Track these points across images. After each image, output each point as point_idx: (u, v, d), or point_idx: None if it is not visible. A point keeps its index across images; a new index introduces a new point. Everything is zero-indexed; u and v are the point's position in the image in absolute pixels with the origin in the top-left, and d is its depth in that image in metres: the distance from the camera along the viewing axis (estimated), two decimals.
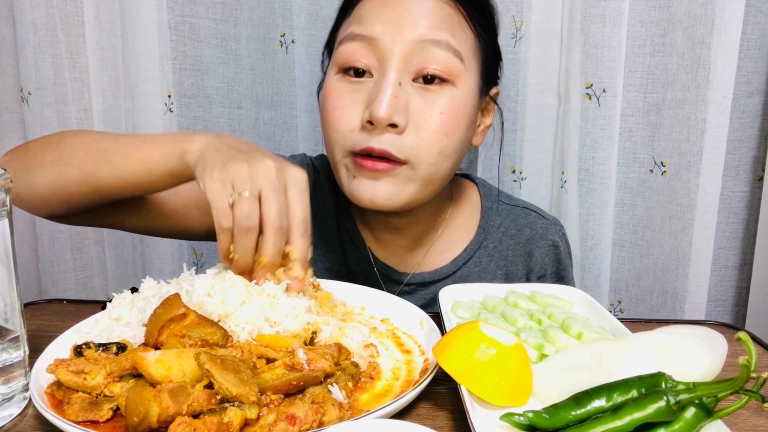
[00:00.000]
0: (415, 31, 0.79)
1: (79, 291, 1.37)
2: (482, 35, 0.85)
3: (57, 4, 1.24)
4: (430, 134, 0.80)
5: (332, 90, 0.83)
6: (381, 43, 0.79)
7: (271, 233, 0.64)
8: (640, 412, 0.48)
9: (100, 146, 0.79)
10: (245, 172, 0.65)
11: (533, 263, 0.97)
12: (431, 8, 0.80)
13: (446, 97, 0.80)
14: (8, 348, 0.57)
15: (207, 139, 0.72)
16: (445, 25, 0.80)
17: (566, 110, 1.24)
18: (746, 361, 0.45)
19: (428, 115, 0.80)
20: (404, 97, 0.79)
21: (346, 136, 0.81)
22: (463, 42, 0.82)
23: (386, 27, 0.79)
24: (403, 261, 0.97)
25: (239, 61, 1.34)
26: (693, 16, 1.16)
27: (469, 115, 0.84)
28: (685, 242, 1.22)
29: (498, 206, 0.99)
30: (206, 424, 0.48)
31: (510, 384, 0.54)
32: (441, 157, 0.81)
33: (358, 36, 0.80)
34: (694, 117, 1.18)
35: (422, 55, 0.79)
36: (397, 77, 0.79)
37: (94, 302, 0.86)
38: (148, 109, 1.25)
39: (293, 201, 0.66)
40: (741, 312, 1.34)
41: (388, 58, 0.79)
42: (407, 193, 0.82)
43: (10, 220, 0.58)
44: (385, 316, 0.76)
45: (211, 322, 0.59)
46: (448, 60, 0.80)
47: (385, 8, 0.80)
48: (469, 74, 0.83)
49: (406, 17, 0.79)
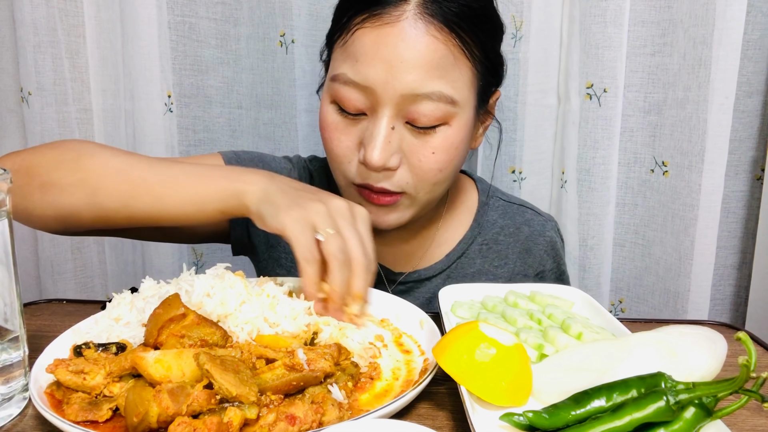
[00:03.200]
0: (406, 84, 0.76)
1: (79, 291, 1.37)
2: (482, 58, 0.82)
3: (57, 4, 1.24)
4: (423, 172, 0.81)
5: (328, 121, 0.83)
6: (373, 90, 0.77)
7: (359, 270, 0.68)
8: (639, 412, 0.48)
9: (135, 174, 0.77)
10: (324, 211, 0.69)
11: (532, 260, 0.98)
12: (424, 52, 0.76)
13: (439, 137, 0.80)
14: (8, 348, 0.57)
15: (265, 180, 0.74)
16: (438, 72, 0.77)
17: (566, 110, 1.24)
18: (746, 361, 0.45)
19: (421, 155, 0.80)
20: (397, 140, 0.79)
21: (345, 166, 0.83)
22: (458, 81, 0.79)
23: (378, 76, 0.76)
24: (400, 256, 0.98)
25: (239, 61, 1.34)
26: (694, 16, 1.16)
27: (464, 144, 0.83)
28: (687, 242, 1.22)
29: (494, 202, 1.00)
30: (206, 424, 0.48)
31: (510, 384, 0.54)
32: (437, 186, 0.84)
33: (350, 82, 0.78)
34: (695, 117, 1.18)
35: (413, 106, 0.77)
36: (389, 122, 0.78)
37: (94, 302, 0.86)
38: (148, 109, 1.25)
39: (364, 236, 0.70)
40: (740, 311, 1.34)
41: (380, 104, 0.78)
42: (409, 215, 0.86)
43: (9, 220, 0.58)
44: (385, 316, 0.76)
45: (211, 323, 0.59)
46: (440, 109, 0.78)
47: (378, 53, 0.76)
48: (464, 110, 0.81)
49: (398, 66, 0.75)
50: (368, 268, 0.69)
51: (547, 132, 1.29)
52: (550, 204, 1.33)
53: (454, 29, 0.77)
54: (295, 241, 0.67)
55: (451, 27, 0.77)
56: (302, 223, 0.67)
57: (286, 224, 0.68)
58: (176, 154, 1.30)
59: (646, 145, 1.28)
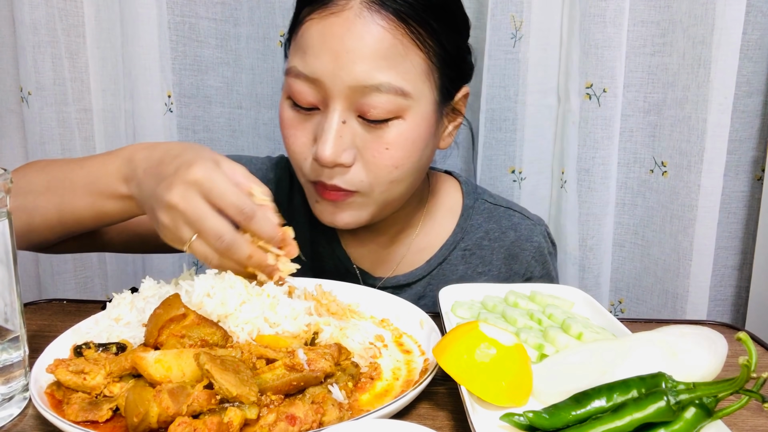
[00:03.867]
0: (353, 76, 0.74)
1: (79, 291, 1.36)
2: (438, 49, 0.79)
3: (57, 4, 1.24)
4: (378, 168, 0.79)
5: (285, 116, 0.82)
6: (322, 82, 0.76)
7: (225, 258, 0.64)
8: (640, 412, 0.48)
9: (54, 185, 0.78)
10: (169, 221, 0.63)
11: (518, 266, 0.96)
12: (371, 43, 0.74)
13: (393, 132, 0.77)
14: (8, 348, 0.57)
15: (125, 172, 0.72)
16: (387, 62, 0.74)
17: (566, 110, 1.24)
18: (746, 361, 0.45)
19: (375, 150, 0.78)
20: (349, 135, 0.77)
21: (302, 163, 0.82)
22: (409, 73, 0.76)
23: (325, 68, 0.75)
24: (379, 261, 0.96)
25: (239, 61, 1.34)
26: (693, 16, 1.16)
27: (422, 140, 0.80)
28: (686, 242, 1.22)
29: (480, 205, 0.97)
30: (206, 425, 0.48)
31: (510, 384, 0.54)
32: (393, 185, 0.81)
33: (300, 74, 0.77)
34: (694, 117, 1.18)
35: (363, 98, 0.75)
36: (341, 116, 0.76)
37: (94, 302, 0.86)
38: (148, 109, 1.25)
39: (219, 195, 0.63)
40: (740, 311, 1.34)
41: (330, 97, 0.76)
42: (365, 215, 0.84)
43: (10, 220, 0.58)
44: (385, 316, 0.76)
45: (211, 323, 0.59)
46: (391, 101, 0.75)
47: (324, 44, 0.75)
48: (419, 102, 0.78)
49: (345, 58, 0.74)
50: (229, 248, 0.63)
51: (547, 132, 1.29)
52: (549, 204, 1.33)
53: (404, 19, 0.75)
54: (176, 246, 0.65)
55: (401, 17, 0.75)
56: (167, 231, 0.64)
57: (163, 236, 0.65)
58: None
59: (645, 145, 1.28)
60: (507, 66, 1.24)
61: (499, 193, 1.24)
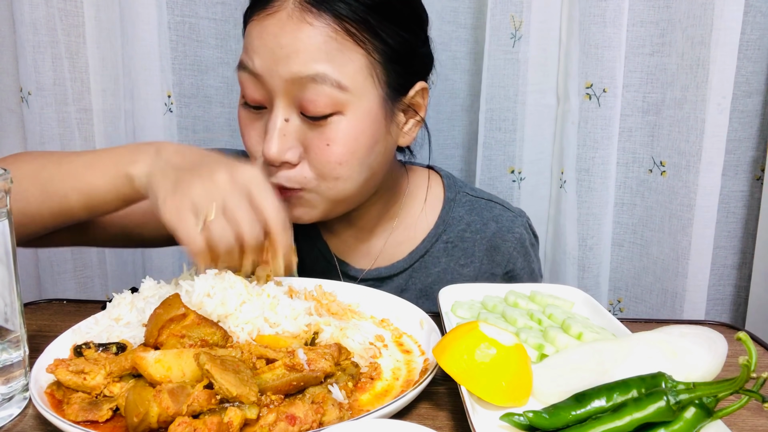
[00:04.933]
0: (288, 69, 0.75)
1: (79, 291, 1.36)
2: (381, 46, 0.79)
3: (57, 4, 1.24)
4: (322, 165, 0.79)
5: (240, 116, 0.84)
6: (262, 79, 0.77)
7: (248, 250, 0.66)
8: (640, 412, 0.48)
9: (43, 175, 0.76)
10: (200, 193, 0.64)
11: (500, 257, 0.96)
12: (304, 38, 0.75)
13: (333, 129, 0.78)
14: (8, 348, 0.57)
15: (149, 159, 0.71)
16: (322, 55, 0.75)
17: (565, 110, 1.24)
18: (746, 361, 0.45)
19: (317, 147, 0.78)
20: (293, 132, 0.78)
21: (257, 161, 0.83)
22: (346, 67, 0.76)
23: (263, 63, 0.77)
24: (359, 254, 0.97)
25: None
26: (692, 16, 1.16)
27: (367, 136, 0.80)
28: (685, 242, 1.22)
29: (462, 198, 0.98)
30: (206, 425, 0.48)
31: (510, 384, 0.54)
32: (340, 182, 0.81)
33: (245, 68, 0.80)
34: (693, 117, 1.18)
35: (302, 92, 0.76)
36: (283, 114, 0.78)
37: (94, 302, 0.86)
38: (148, 109, 1.25)
39: (260, 201, 0.66)
40: (740, 311, 1.34)
41: (272, 94, 0.78)
42: (317, 212, 0.84)
43: (10, 220, 0.58)
44: (385, 316, 0.76)
45: (211, 323, 0.59)
46: (328, 95, 0.76)
47: (261, 40, 0.77)
48: (360, 98, 0.78)
49: (279, 53, 0.75)
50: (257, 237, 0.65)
51: (547, 132, 1.29)
52: (549, 204, 1.33)
53: (339, 16, 0.76)
54: (175, 234, 0.64)
55: (336, 15, 0.76)
56: (179, 211, 0.64)
57: (163, 215, 0.65)
58: None
59: (644, 145, 1.28)
60: (507, 66, 1.24)
61: (498, 193, 1.24)
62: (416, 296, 0.95)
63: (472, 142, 1.33)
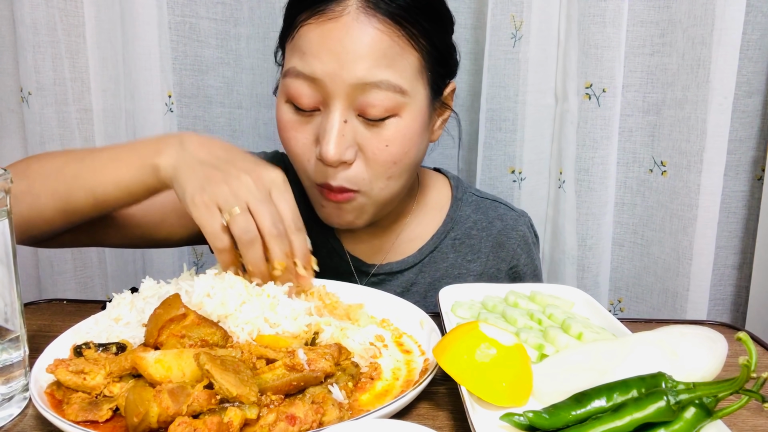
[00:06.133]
0: (353, 74, 0.77)
1: (79, 291, 1.36)
2: (431, 50, 0.83)
3: (57, 4, 1.24)
4: (378, 164, 0.82)
5: (284, 120, 0.84)
6: (322, 82, 0.78)
7: (273, 241, 0.68)
8: (640, 412, 0.48)
9: (68, 171, 0.78)
10: (227, 192, 0.67)
11: (504, 254, 1.00)
12: (369, 43, 0.77)
13: (391, 129, 0.80)
14: (8, 348, 0.57)
15: (175, 152, 0.72)
16: (385, 61, 0.77)
17: (564, 110, 1.24)
18: (746, 361, 0.45)
19: (375, 147, 0.81)
20: (351, 133, 0.80)
21: (306, 165, 0.84)
22: (406, 71, 0.80)
23: (325, 67, 0.77)
24: (371, 249, 0.99)
25: (239, 61, 1.34)
26: (693, 16, 1.16)
27: (418, 135, 0.84)
28: (686, 241, 1.22)
29: (468, 198, 1.02)
30: (206, 425, 0.48)
31: (510, 384, 0.54)
32: (391, 181, 0.84)
33: (300, 74, 0.79)
34: (694, 117, 1.18)
35: (363, 96, 0.78)
36: (342, 116, 0.79)
37: (94, 302, 0.86)
38: (148, 109, 1.25)
39: (279, 202, 0.70)
40: (740, 311, 1.34)
41: (331, 97, 0.78)
42: (368, 215, 0.88)
43: (10, 220, 0.58)
44: (386, 316, 0.76)
45: (211, 323, 0.59)
46: (389, 99, 0.78)
47: (323, 45, 0.77)
48: (414, 100, 0.81)
49: (344, 57, 0.76)
50: (279, 236, 0.68)
51: (547, 132, 1.29)
52: (548, 204, 1.33)
53: (398, 21, 0.78)
54: (203, 230, 0.67)
55: (395, 19, 0.78)
56: (205, 209, 0.67)
57: (192, 211, 0.67)
58: None
59: (644, 145, 1.28)
60: (507, 66, 1.24)
61: (498, 194, 1.24)
62: (425, 290, 0.98)
63: (472, 142, 1.33)
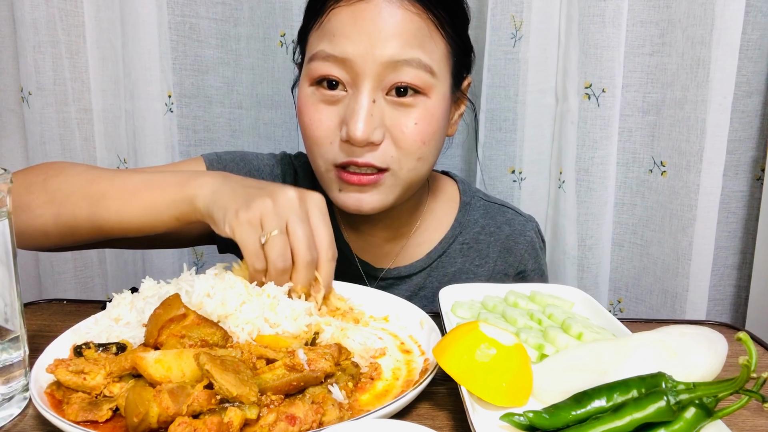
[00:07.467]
0: (386, 52, 0.78)
1: (79, 291, 1.37)
2: (454, 38, 0.84)
3: (57, 4, 1.24)
4: (407, 144, 0.82)
5: (308, 104, 0.84)
6: (353, 63, 0.79)
7: (303, 270, 0.67)
8: (640, 412, 0.48)
9: (96, 189, 0.78)
10: (270, 207, 0.67)
11: (512, 259, 1.00)
12: (401, 24, 0.78)
13: (420, 108, 0.81)
14: (8, 348, 0.57)
15: (215, 182, 0.73)
16: (416, 41, 0.79)
17: (564, 110, 1.24)
18: (746, 361, 0.45)
19: (404, 126, 0.81)
20: (379, 113, 0.80)
21: (327, 149, 0.83)
22: (434, 54, 0.81)
23: (357, 47, 0.78)
24: (380, 254, 0.98)
25: (239, 61, 1.34)
26: (692, 16, 1.16)
27: (443, 119, 0.85)
28: (686, 242, 1.22)
29: (476, 202, 1.02)
30: (206, 425, 0.48)
31: (510, 384, 0.54)
32: (420, 162, 0.84)
33: (330, 56, 0.80)
34: (693, 117, 1.18)
35: (394, 74, 0.79)
36: (371, 95, 0.79)
37: (94, 302, 0.86)
38: (148, 109, 1.25)
39: (317, 226, 0.69)
40: (740, 311, 1.34)
41: (360, 76, 0.79)
42: (391, 199, 0.85)
43: (10, 220, 0.58)
44: (385, 316, 0.76)
45: (211, 323, 0.59)
46: (420, 77, 0.80)
47: (355, 25, 0.78)
48: (441, 83, 0.83)
49: (377, 36, 0.78)
50: (310, 264, 0.67)
51: (547, 132, 1.29)
52: (548, 204, 1.33)
53: (426, 5, 0.80)
54: (243, 248, 0.66)
55: (424, 3, 0.80)
56: (248, 226, 0.66)
57: (234, 229, 0.67)
58: (176, 154, 1.30)
59: (644, 145, 1.28)
60: (507, 66, 1.24)
61: (498, 194, 1.24)
62: (433, 294, 0.97)
63: (472, 142, 1.33)
